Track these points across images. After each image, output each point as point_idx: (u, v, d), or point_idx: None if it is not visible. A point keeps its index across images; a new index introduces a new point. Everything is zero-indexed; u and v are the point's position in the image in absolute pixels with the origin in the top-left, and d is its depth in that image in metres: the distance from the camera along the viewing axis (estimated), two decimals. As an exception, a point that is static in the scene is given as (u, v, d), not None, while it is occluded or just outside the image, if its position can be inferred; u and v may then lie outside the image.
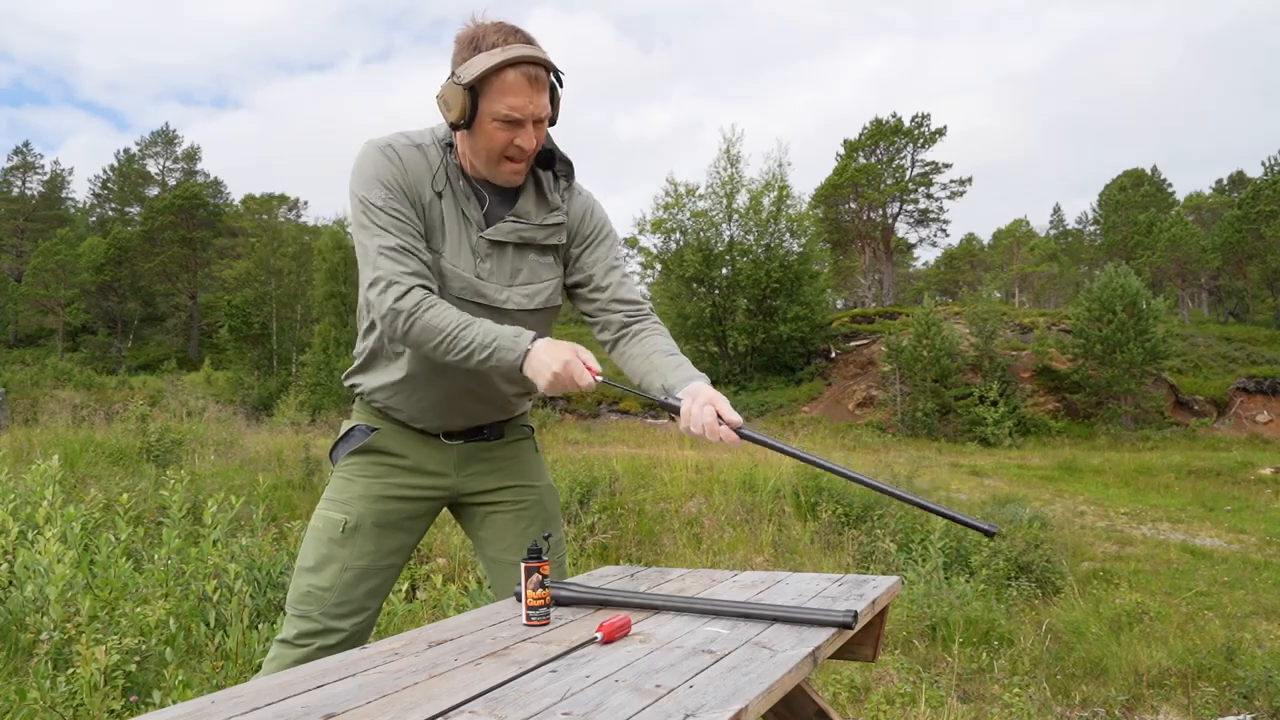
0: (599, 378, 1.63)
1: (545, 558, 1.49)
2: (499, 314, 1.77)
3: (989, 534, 1.54)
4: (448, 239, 1.74)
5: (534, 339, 1.63)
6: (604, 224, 1.91)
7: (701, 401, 1.60)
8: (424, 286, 1.65)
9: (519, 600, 1.54)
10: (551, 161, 1.80)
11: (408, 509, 1.88)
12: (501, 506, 1.93)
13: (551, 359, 1.59)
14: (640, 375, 1.75)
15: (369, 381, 1.88)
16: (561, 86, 1.71)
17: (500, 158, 1.69)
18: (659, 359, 1.75)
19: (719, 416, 1.58)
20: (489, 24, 1.65)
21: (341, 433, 1.92)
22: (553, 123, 1.74)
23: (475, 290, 1.75)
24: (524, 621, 1.48)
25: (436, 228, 1.74)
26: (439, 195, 1.73)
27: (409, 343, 1.67)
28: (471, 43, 1.64)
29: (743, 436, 1.58)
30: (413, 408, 1.85)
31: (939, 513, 1.55)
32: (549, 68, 1.66)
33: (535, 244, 1.79)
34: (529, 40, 1.65)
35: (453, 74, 1.65)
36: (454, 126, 1.67)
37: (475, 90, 1.63)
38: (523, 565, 1.48)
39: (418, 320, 1.62)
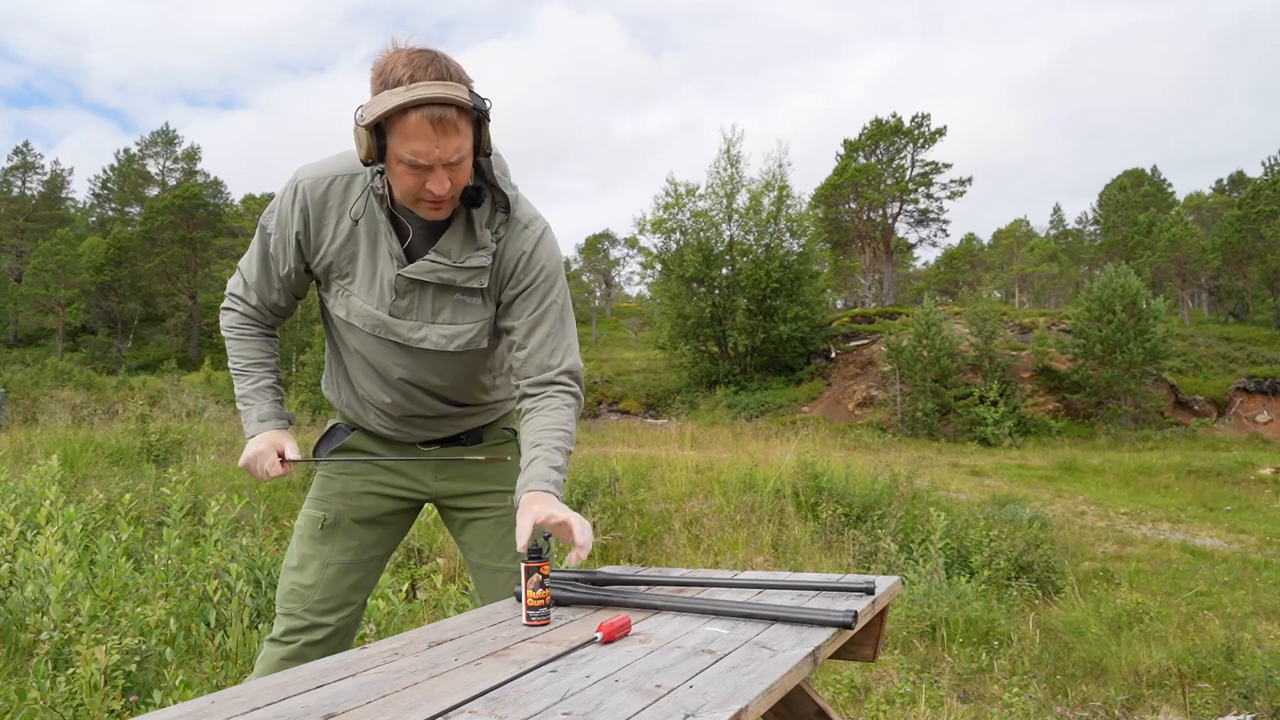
0: (289, 468, 1.78)
1: (546, 557, 1.49)
2: (413, 353, 1.73)
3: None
4: (361, 273, 1.70)
5: (262, 432, 1.78)
6: (540, 269, 1.71)
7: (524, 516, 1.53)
8: (244, 313, 1.84)
9: (519, 601, 1.54)
10: (479, 199, 1.63)
11: (386, 505, 1.91)
12: (482, 513, 1.93)
13: (250, 447, 1.77)
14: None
15: (330, 395, 1.95)
16: (488, 119, 1.55)
17: (415, 199, 1.57)
18: (525, 450, 1.67)
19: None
20: (401, 53, 1.48)
21: (324, 431, 1.96)
22: (486, 154, 1.60)
23: (386, 328, 1.71)
24: (524, 622, 1.48)
25: (354, 259, 1.70)
26: (355, 223, 1.67)
27: None
28: (380, 76, 1.48)
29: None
30: (370, 423, 1.90)
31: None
32: (461, 107, 1.48)
33: (455, 285, 1.68)
34: (443, 74, 1.47)
35: (358, 109, 1.50)
36: (365, 163, 1.55)
37: (382, 129, 1.49)
38: (523, 566, 1.48)
39: (227, 339, 1.86)
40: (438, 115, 1.46)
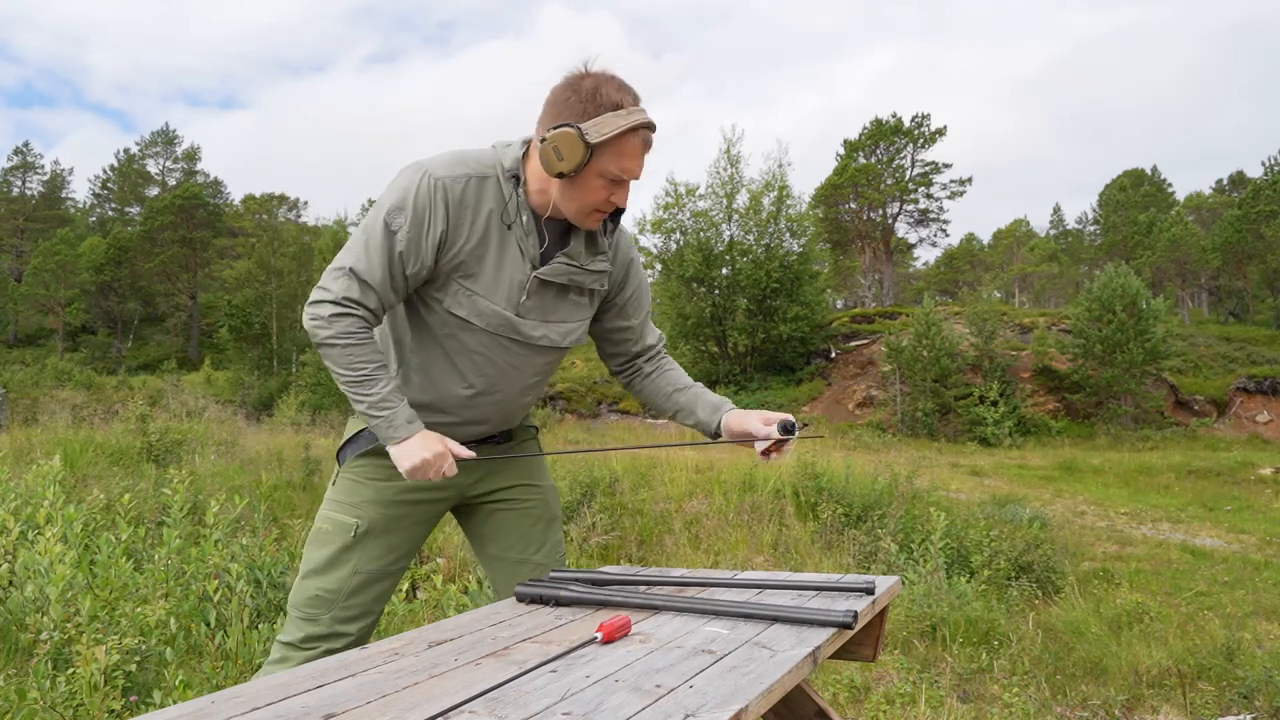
0: (461, 462, 1.78)
1: (793, 435, 1.78)
2: (530, 350, 1.80)
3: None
4: (488, 273, 1.72)
5: (415, 433, 1.70)
6: (641, 272, 1.98)
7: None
8: (363, 318, 1.68)
9: (764, 447, 1.80)
10: (620, 211, 1.80)
11: (418, 513, 1.88)
12: (507, 504, 1.95)
13: (417, 450, 1.69)
14: (669, 410, 1.99)
15: None
16: None
17: (590, 211, 1.70)
18: (682, 390, 1.99)
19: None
20: (604, 77, 1.64)
21: (351, 433, 1.88)
22: None
23: (511, 326, 1.76)
24: (759, 453, 1.80)
25: (482, 259, 1.71)
26: (508, 228, 1.71)
27: (321, 353, 1.70)
28: (594, 97, 1.61)
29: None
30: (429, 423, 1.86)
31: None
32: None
33: (582, 287, 1.82)
34: (638, 99, 1.65)
35: (573, 125, 1.60)
36: (559, 175, 1.63)
37: (593, 147, 1.62)
38: (778, 431, 1.77)
39: (343, 346, 1.66)
40: (650, 139, 1.67)
